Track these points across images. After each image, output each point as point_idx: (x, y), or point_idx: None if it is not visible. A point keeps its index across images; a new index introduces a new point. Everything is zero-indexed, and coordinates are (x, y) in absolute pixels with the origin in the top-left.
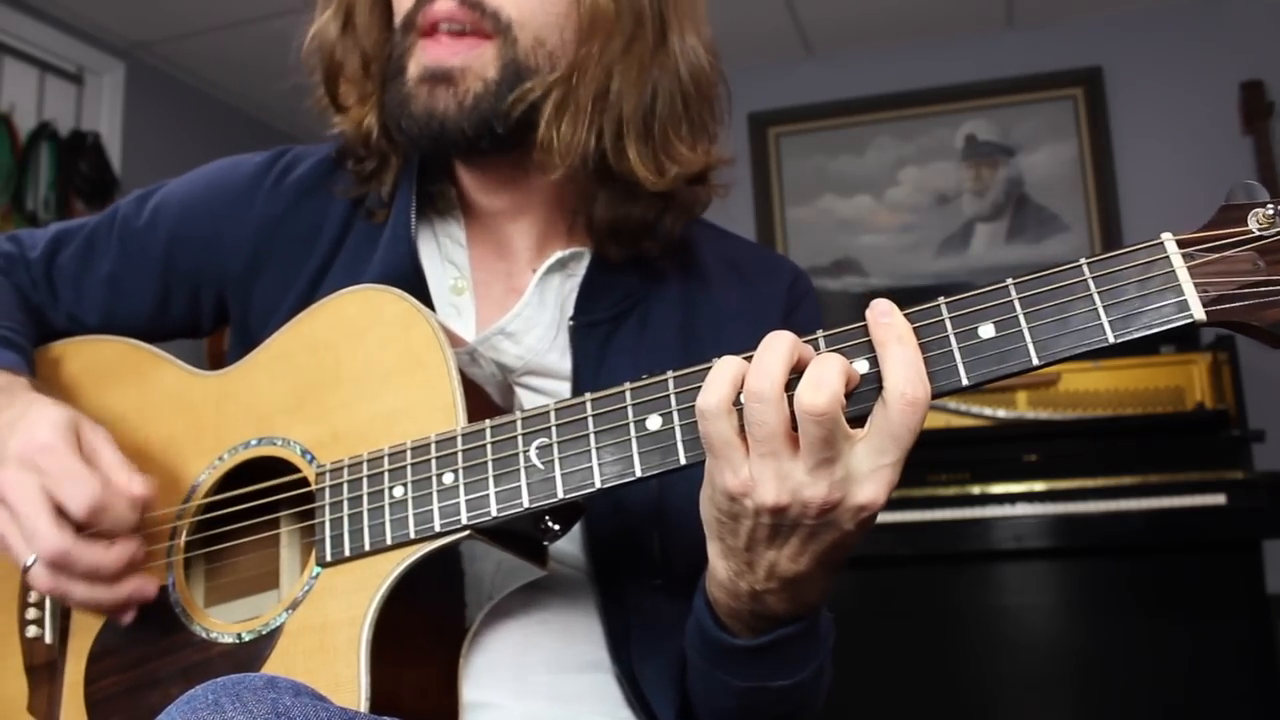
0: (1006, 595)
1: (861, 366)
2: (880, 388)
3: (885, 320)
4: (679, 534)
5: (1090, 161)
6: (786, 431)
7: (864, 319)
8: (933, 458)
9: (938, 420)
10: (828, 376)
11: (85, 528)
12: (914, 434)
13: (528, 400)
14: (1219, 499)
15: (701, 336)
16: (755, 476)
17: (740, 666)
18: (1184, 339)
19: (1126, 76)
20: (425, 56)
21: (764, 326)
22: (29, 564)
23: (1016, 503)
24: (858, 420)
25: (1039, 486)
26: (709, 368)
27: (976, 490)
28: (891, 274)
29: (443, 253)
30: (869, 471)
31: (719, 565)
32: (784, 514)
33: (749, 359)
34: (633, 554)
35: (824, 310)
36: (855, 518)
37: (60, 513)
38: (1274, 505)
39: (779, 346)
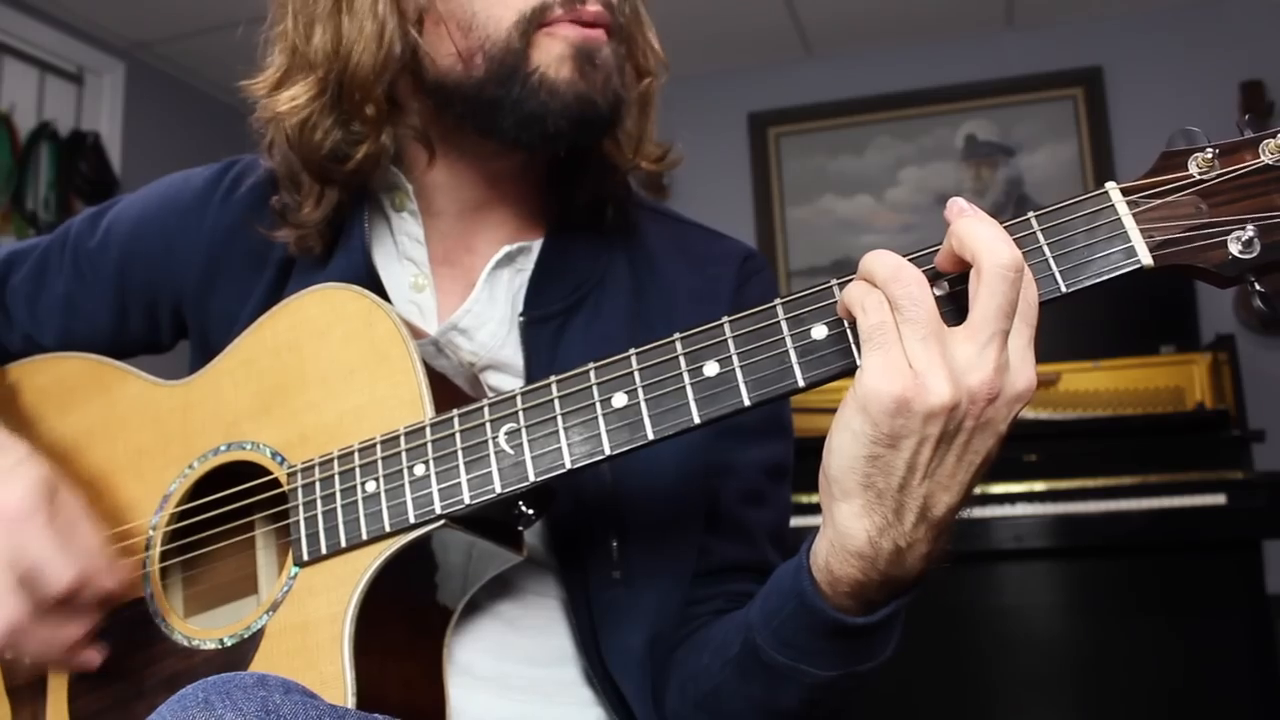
0: (1007, 595)
1: (820, 332)
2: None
3: (966, 212)
4: (636, 526)
5: (1090, 161)
6: (938, 312)
7: (830, 291)
8: None
9: None
10: (1005, 232)
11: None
12: (1034, 308)
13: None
14: (1219, 499)
15: (652, 323)
16: (921, 369)
17: (841, 653)
18: (1184, 339)
19: (1126, 76)
20: (571, 34)
21: (714, 306)
22: None
23: (1016, 503)
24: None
25: (1039, 486)
26: (670, 341)
27: (976, 490)
28: None
29: (400, 250)
30: (1020, 353)
31: (857, 528)
32: (952, 415)
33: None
34: (592, 548)
35: None
36: (1010, 411)
37: (22, 582)
38: (1274, 505)
39: (880, 251)
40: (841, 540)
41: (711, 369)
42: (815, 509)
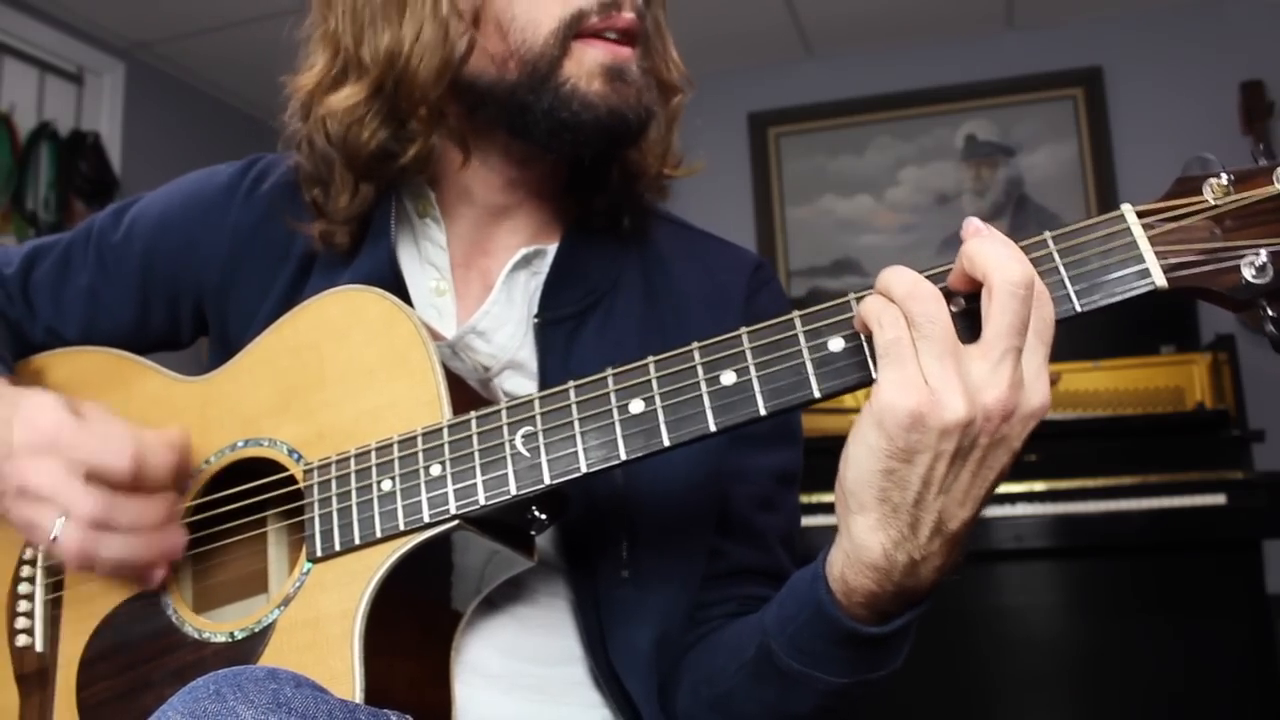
0: (1007, 595)
1: (836, 344)
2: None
3: (981, 232)
4: (645, 528)
5: (1090, 161)
6: (954, 329)
7: (848, 305)
8: None
9: None
10: (1017, 250)
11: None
12: (1050, 326)
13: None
14: (1219, 499)
15: (664, 328)
16: (937, 386)
17: (855, 661)
18: (1184, 339)
19: (1126, 76)
20: (602, 55)
21: (726, 313)
22: (58, 526)
23: (1016, 503)
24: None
25: (1039, 486)
26: (688, 350)
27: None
28: None
29: (423, 255)
30: (1035, 370)
31: (872, 541)
32: (967, 431)
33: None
34: (601, 548)
35: None
36: (1024, 428)
37: (89, 479)
38: (1274, 505)
39: (898, 268)
40: (857, 552)
41: (729, 378)
42: (823, 508)
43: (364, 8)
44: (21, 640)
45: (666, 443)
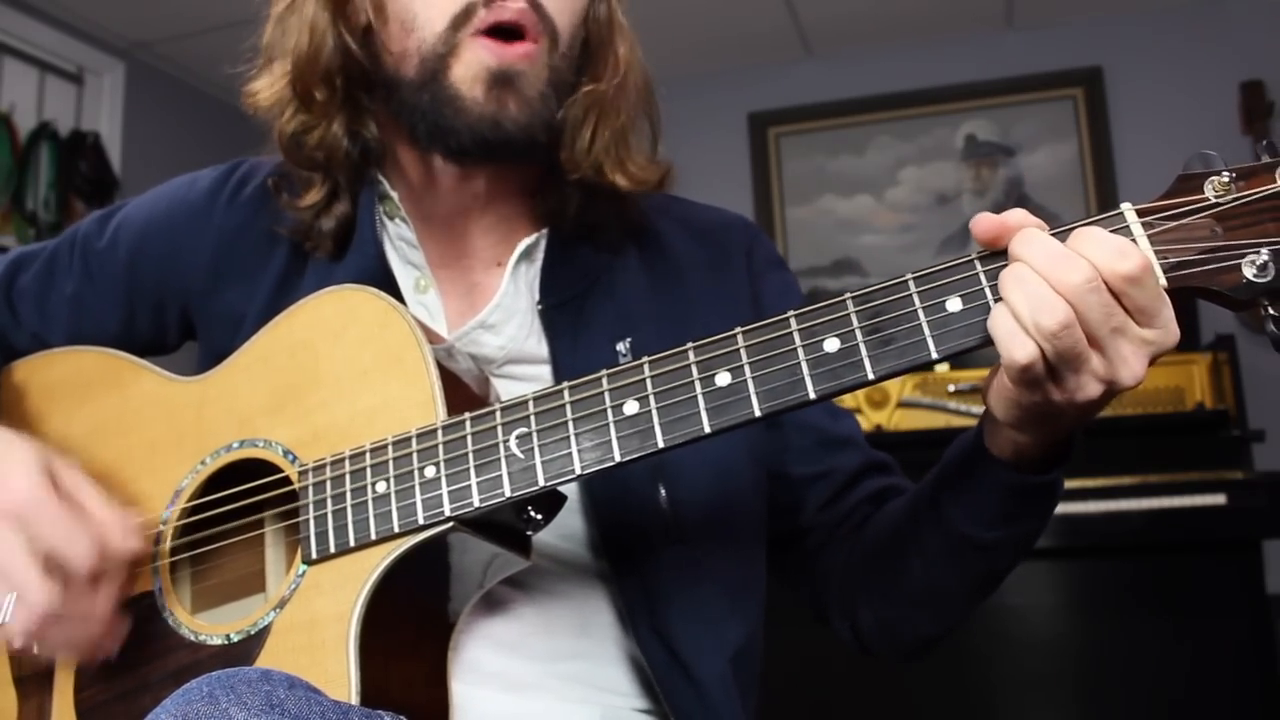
0: (1007, 595)
1: (832, 345)
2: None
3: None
4: (684, 484)
5: (1090, 161)
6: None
7: (843, 304)
8: (932, 458)
9: (938, 420)
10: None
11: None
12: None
13: (512, 389)
14: (1219, 499)
15: (668, 295)
16: (1115, 358)
17: (1044, 512)
18: (1184, 339)
19: (1126, 76)
20: (489, 57)
21: (729, 273)
22: (8, 605)
23: None
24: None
25: None
26: (683, 350)
27: None
28: (891, 274)
29: (400, 255)
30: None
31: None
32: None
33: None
34: (641, 516)
35: None
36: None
37: (48, 567)
38: (1274, 505)
39: (1045, 241)
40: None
41: (723, 379)
42: None
43: (276, 8)
44: None
45: (660, 444)
